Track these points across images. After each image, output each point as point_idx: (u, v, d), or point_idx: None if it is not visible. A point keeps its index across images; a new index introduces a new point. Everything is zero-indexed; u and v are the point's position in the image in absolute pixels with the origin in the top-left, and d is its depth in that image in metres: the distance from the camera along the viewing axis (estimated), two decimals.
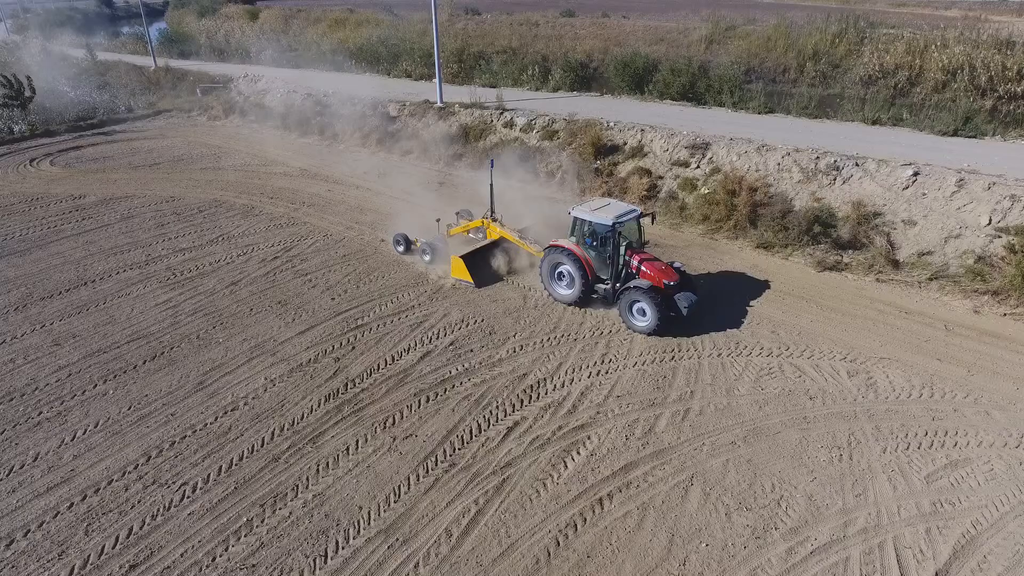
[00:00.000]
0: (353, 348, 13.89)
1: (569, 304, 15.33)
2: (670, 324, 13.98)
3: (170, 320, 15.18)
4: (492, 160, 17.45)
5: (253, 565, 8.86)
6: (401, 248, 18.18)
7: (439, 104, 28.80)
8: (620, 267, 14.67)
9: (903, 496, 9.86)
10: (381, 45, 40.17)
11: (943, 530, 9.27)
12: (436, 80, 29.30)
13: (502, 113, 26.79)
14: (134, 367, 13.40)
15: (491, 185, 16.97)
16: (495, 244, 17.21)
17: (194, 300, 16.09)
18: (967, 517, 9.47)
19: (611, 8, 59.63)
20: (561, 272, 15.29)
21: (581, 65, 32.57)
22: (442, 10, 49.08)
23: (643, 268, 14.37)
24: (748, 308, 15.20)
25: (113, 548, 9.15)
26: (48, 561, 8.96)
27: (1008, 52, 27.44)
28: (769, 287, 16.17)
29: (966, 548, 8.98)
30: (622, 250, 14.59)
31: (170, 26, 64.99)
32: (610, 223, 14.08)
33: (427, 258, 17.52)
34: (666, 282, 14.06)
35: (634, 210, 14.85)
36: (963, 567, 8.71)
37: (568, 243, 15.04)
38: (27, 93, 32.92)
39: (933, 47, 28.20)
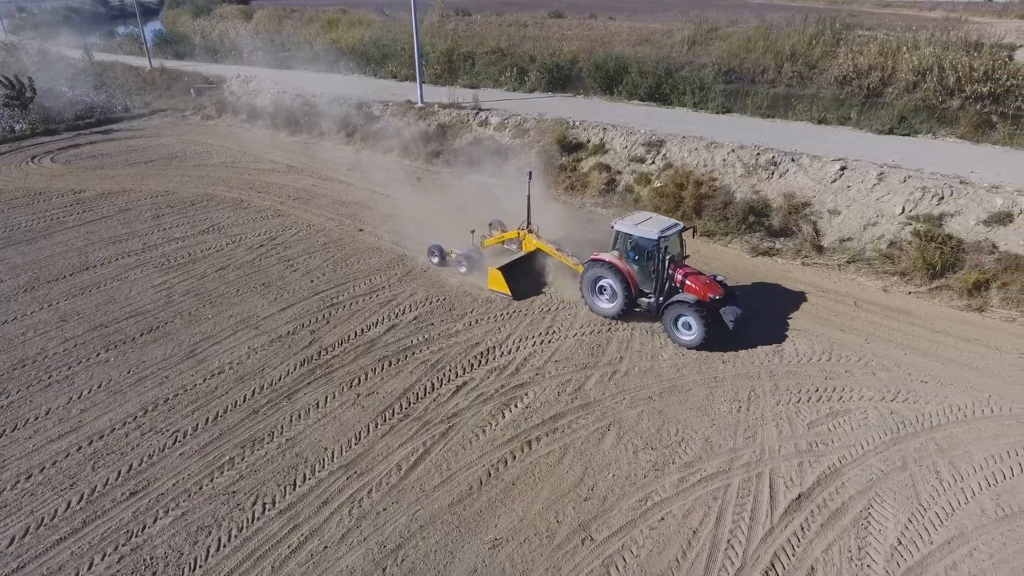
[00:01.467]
0: (327, 322, 15.63)
1: (610, 318, 15.37)
2: (716, 338, 14.07)
3: (164, 300, 16.89)
4: (530, 172, 17.43)
5: (233, 492, 10.60)
6: (436, 259, 18.11)
7: (420, 104, 30.52)
8: (664, 281, 14.68)
9: (786, 438, 11.64)
10: (373, 46, 41.72)
11: (813, 464, 11.05)
12: (419, 82, 31.01)
13: (478, 113, 28.48)
14: (132, 339, 15.11)
15: (528, 197, 16.96)
16: (531, 256, 17.30)
17: (186, 283, 17.79)
18: (836, 454, 11.25)
19: (601, 9, 61.42)
20: (603, 286, 15.28)
21: (557, 67, 34.31)
22: (433, 11, 50.99)
23: (688, 282, 14.33)
24: None
25: (116, 480, 10.88)
26: (61, 490, 10.70)
27: (975, 54, 29.17)
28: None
29: (829, 477, 10.77)
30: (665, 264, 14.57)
31: (165, 26, 66.46)
32: (655, 237, 14.14)
33: (463, 269, 17.54)
34: (711, 296, 14.05)
35: (677, 224, 14.86)
36: (823, 491, 10.50)
37: (610, 257, 15.03)
38: (28, 94, 34.49)
39: (904, 48, 29.86)
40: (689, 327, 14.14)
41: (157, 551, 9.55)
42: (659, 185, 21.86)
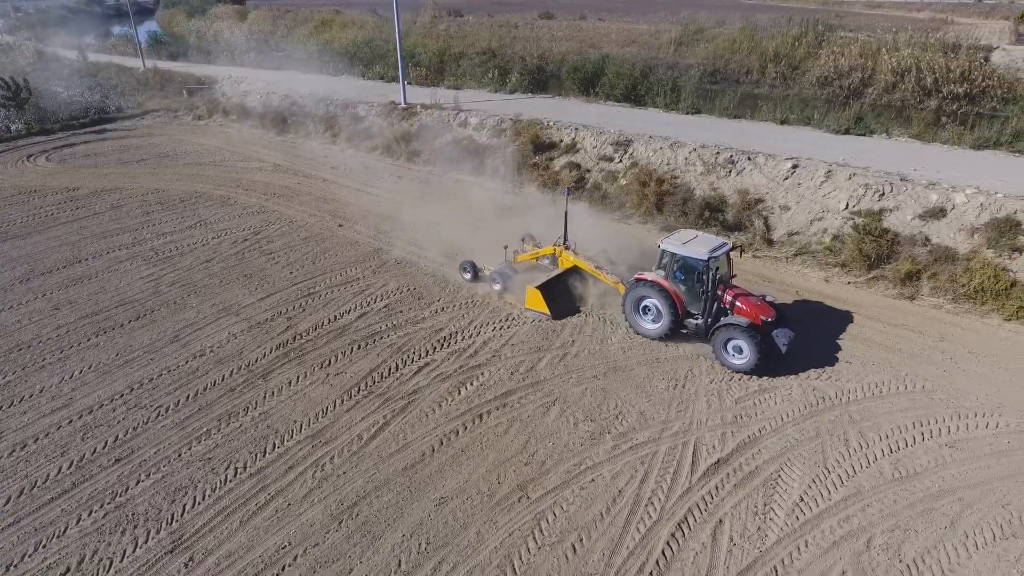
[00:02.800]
0: (303, 310, 16.75)
1: (655, 339, 15.04)
2: (768, 361, 13.68)
3: (152, 290, 17.99)
4: (568, 189, 17.37)
5: (209, 459, 11.73)
6: (468, 275, 17.71)
7: (403, 105, 31.62)
8: (713, 302, 14.23)
9: (714, 412, 12.79)
10: (365, 47, 42.66)
11: (735, 433, 12.21)
12: (402, 83, 32.11)
13: (458, 114, 29.58)
14: (121, 325, 16.22)
15: (566, 213, 16.83)
16: (568, 273, 16.82)
17: (173, 274, 18.89)
18: (757, 425, 12.41)
19: (592, 10, 62.45)
20: (647, 306, 14.95)
21: (538, 68, 35.40)
22: (425, 12, 52.01)
23: (738, 304, 14.00)
24: None
25: (103, 449, 12.01)
26: (54, 457, 11.82)
27: (953, 55, 30.18)
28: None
29: (748, 444, 11.93)
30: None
31: (160, 26, 67.37)
32: (705, 257, 13.80)
33: (497, 286, 17.04)
34: (764, 318, 13.72)
35: (725, 243, 14.54)
36: (741, 456, 11.66)
37: (655, 276, 14.75)
38: (23, 94, 35.48)
39: (884, 50, 30.84)
40: (740, 350, 13.72)
41: (138, 508, 10.67)
42: (624, 183, 22.99)
